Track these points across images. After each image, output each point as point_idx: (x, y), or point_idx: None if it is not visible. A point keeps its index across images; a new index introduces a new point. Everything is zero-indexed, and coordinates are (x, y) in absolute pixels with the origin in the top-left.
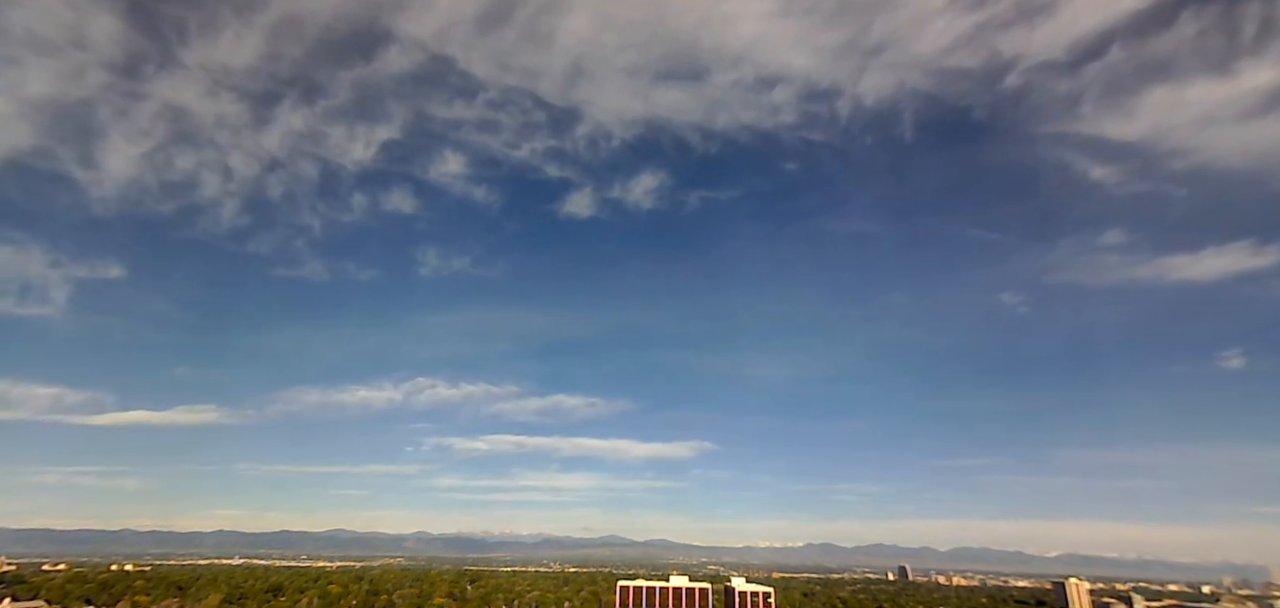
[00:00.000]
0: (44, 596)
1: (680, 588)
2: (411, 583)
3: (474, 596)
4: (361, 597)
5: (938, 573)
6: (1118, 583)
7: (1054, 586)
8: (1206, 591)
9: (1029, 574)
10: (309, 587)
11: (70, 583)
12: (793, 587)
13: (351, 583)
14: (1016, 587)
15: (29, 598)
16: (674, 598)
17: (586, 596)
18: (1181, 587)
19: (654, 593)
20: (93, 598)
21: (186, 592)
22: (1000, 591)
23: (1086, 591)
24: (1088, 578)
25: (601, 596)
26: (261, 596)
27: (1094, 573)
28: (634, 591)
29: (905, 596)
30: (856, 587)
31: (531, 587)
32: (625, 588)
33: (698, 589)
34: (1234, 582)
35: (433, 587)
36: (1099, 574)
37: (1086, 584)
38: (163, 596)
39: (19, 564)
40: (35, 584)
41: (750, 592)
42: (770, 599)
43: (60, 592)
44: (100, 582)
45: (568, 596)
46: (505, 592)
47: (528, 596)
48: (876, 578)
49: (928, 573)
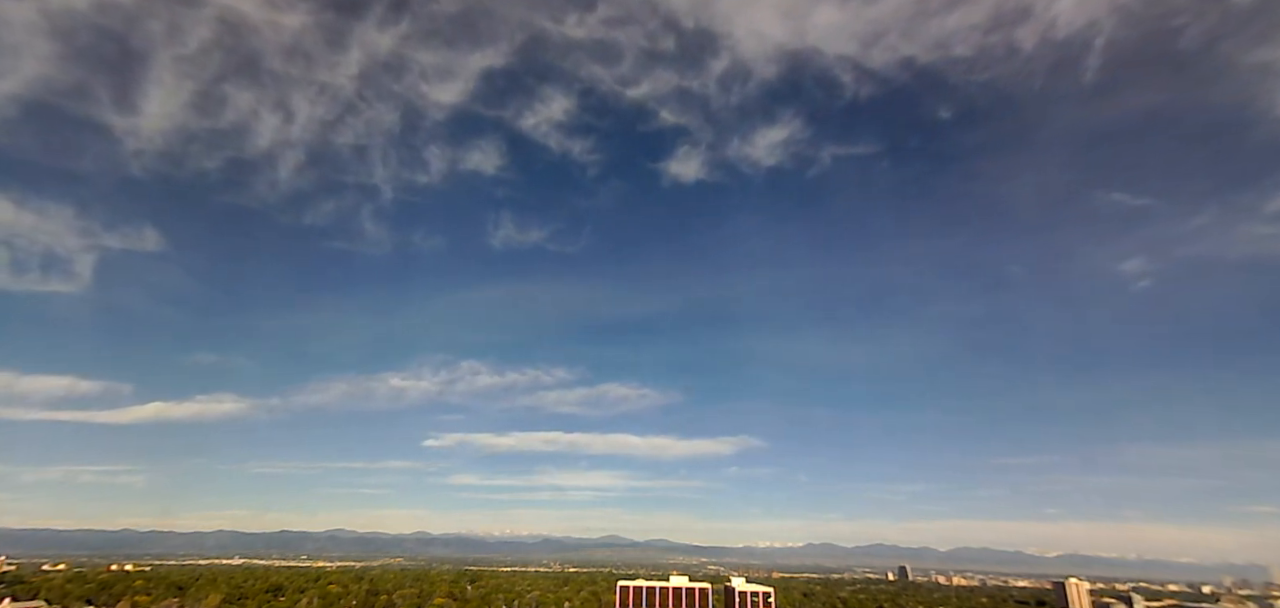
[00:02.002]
0: (44, 596)
1: (680, 588)
2: (411, 583)
3: (474, 596)
4: (361, 597)
5: (938, 573)
6: (1118, 583)
7: (1054, 586)
8: (1206, 591)
9: (1029, 574)
10: (309, 587)
11: (70, 583)
12: (793, 587)
13: (351, 583)
14: (1016, 587)
15: (29, 598)
16: (674, 598)
17: (586, 596)
18: (1181, 587)
19: (654, 593)
20: (93, 598)
21: (186, 592)
22: (1000, 591)
23: (1086, 591)
24: (1088, 578)
25: (601, 596)
26: (261, 596)
27: (1094, 573)
28: (634, 591)
29: (905, 596)
30: (856, 587)
31: (531, 587)
32: (625, 588)
33: (698, 589)
34: (1234, 582)
35: (433, 587)
36: (1099, 574)
37: (1086, 584)
38: (163, 596)
39: (19, 564)
40: (35, 584)
41: (750, 592)
42: (770, 599)
43: (60, 592)
44: (100, 582)
45: (568, 595)
46: (505, 592)
47: (528, 596)
48: (876, 578)
49: (928, 573)
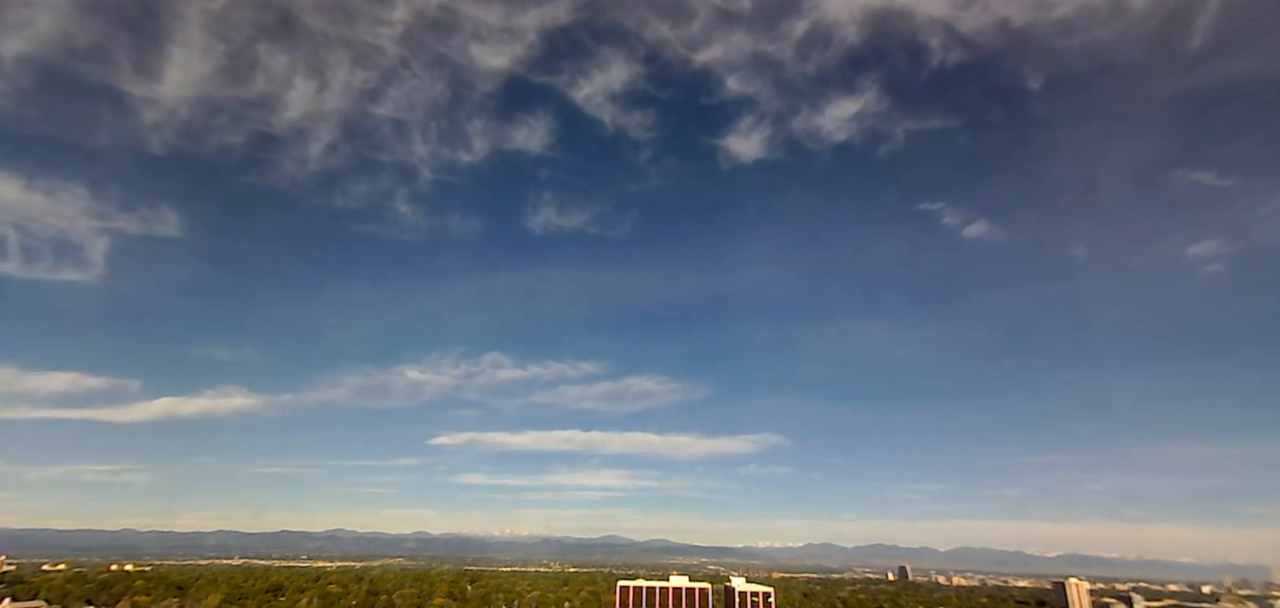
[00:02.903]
0: (44, 596)
1: (680, 588)
2: (411, 583)
3: (474, 596)
4: (361, 597)
5: (938, 573)
6: (1118, 583)
7: (1054, 586)
8: (1206, 591)
9: (1029, 574)
10: (309, 587)
11: (70, 583)
12: (793, 587)
13: (351, 583)
14: (1016, 587)
15: (29, 598)
16: (674, 598)
17: (586, 596)
18: (1181, 587)
19: (654, 593)
20: (93, 598)
21: (186, 592)
22: (1000, 591)
23: (1086, 591)
24: (1088, 578)
25: (601, 596)
26: (261, 596)
27: (1094, 573)
28: (634, 591)
29: (905, 596)
30: (856, 587)
31: (532, 587)
32: (625, 588)
33: (698, 589)
34: (1234, 582)
35: (433, 587)
36: (1099, 574)
37: (1086, 584)
38: (163, 596)
39: (19, 564)
40: (35, 584)
41: (750, 592)
42: (770, 599)
43: (60, 592)
44: (100, 582)
45: (568, 595)
46: (505, 592)
47: (528, 596)
48: (876, 578)
49: (928, 573)
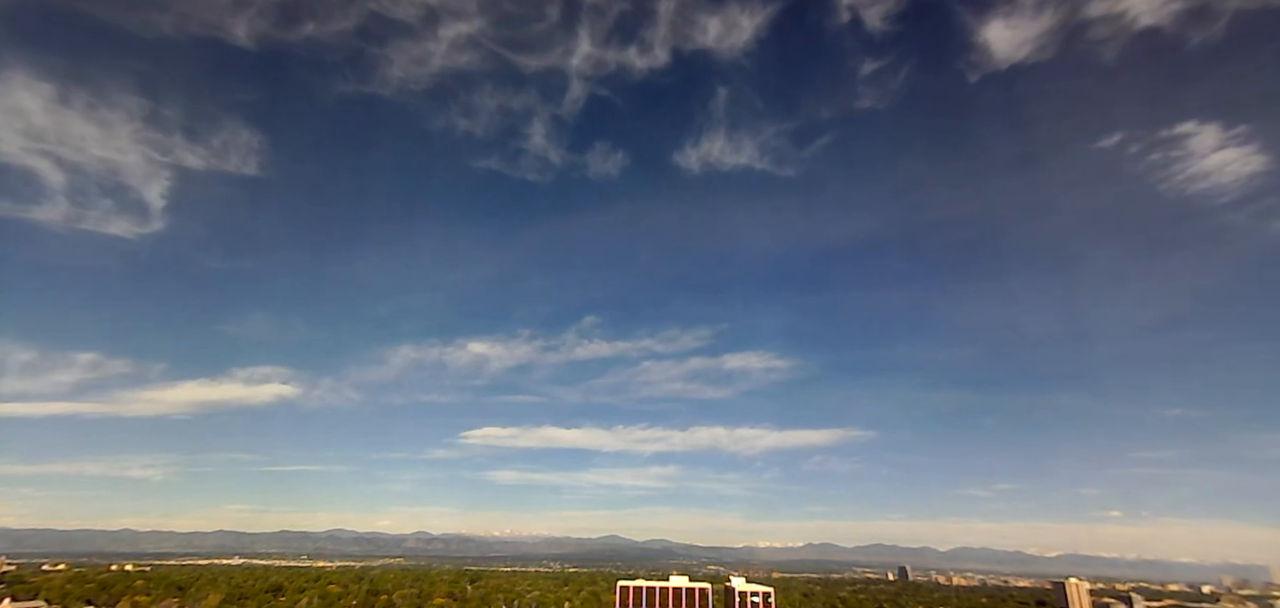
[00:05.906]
0: (44, 596)
1: (680, 588)
2: (411, 583)
3: (474, 596)
4: (361, 597)
5: (938, 573)
6: (1118, 583)
7: (1054, 586)
8: (1206, 591)
9: (1029, 574)
10: (309, 587)
11: (70, 583)
12: (793, 587)
13: (351, 583)
14: (1016, 587)
15: (29, 598)
16: (674, 598)
17: (586, 596)
18: (1181, 587)
19: (654, 593)
20: (93, 598)
21: (186, 592)
22: (1000, 591)
23: (1086, 591)
24: (1088, 578)
25: (601, 596)
26: (261, 596)
27: (1094, 573)
28: (634, 590)
29: (905, 596)
30: (856, 587)
31: (532, 587)
32: (625, 588)
33: (697, 589)
34: (1234, 582)
35: (433, 587)
36: (1099, 574)
37: (1086, 584)
38: (163, 596)
39: (19, 564)
40: (35, 584)
41: (750, 592)
42: (770, 599)
43: (60, 592)
44: (100, 582)
45: (568, 595)
46: (505, 592)
47: (528, 596)
48: (876, 578)
49: (928, 573)
